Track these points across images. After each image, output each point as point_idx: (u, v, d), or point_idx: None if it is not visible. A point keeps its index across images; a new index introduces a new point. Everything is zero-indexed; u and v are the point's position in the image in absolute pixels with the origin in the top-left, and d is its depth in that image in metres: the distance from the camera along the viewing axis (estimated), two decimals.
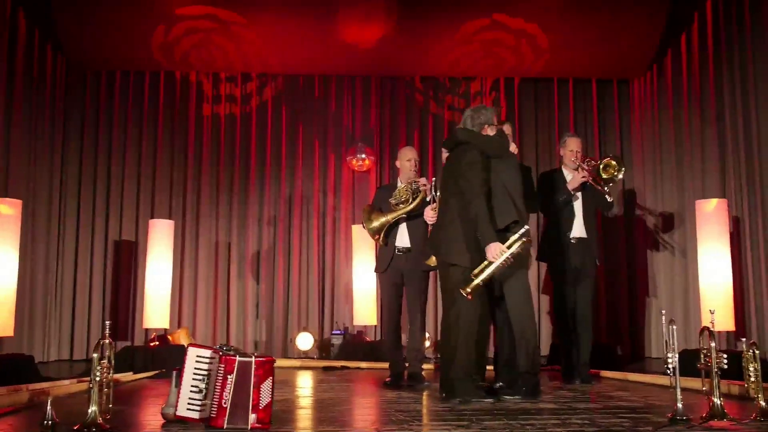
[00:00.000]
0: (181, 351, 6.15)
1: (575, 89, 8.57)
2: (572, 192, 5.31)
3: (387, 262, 5.27)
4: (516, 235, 4.16)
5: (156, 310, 6.78)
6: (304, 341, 7.51)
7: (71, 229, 7.92)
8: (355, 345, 7.25)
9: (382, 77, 8.51)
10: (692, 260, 6.76)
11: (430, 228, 4.72)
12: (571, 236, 5.31)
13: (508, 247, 4.10)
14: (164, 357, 6.35)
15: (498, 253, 4.05)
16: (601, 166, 5.33)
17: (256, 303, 8.07)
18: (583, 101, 8.58)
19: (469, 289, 4.01)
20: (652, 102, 8.03)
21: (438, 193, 4.62)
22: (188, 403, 3.18)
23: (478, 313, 4.16)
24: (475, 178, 4.18)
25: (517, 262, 4.22)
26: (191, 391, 3.19)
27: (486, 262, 4.06)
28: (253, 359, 3.19)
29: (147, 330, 7.10)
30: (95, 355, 3.11)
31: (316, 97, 8.46)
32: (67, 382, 5.08)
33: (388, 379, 5.20)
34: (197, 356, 3.24)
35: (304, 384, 5.46)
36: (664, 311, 3.46)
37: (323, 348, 7.80)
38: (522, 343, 4.31)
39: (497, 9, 7.44)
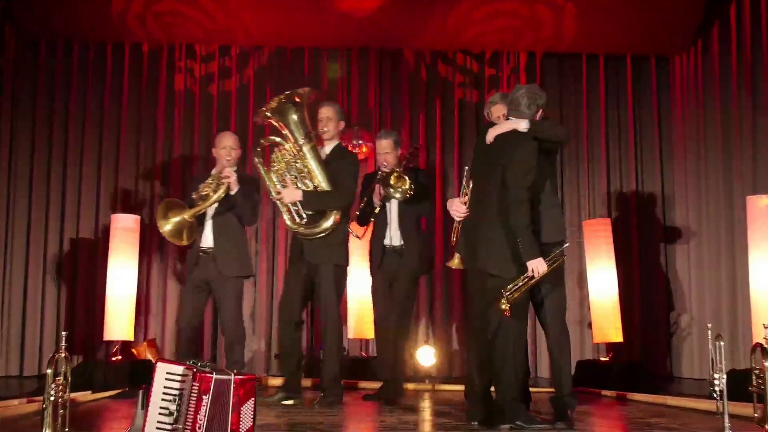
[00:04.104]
0: (148, 367, 6.17)
1: (606, 67, 8.56)
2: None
3: (192, 266, 5.37)
4: (559, 251, 4.17)
5: (118, 319, 6.76)
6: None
7: (21, 225, 7.89)
8: (349, 361, 7.23)
9: (382, 50, 8.50)
10: (742, 265, 6.74)
11: (457, 224, 4.51)
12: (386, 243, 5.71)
13: (550, 263, 4.08)
14: (128, 374, 6.34)
15: (542, 271, 3.99)
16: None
17: None
18: (615, 81, 8.57)
19: (508, 305, 3.92)
20: (695, 83, 8.02)
21: (470, 184, 4.41)
22: (157, 428, 3.17)
23: (524, 328, 4.17)
24: (525, 177, 4.06)
25: (556, 275, 4.25)
26: (160, 414, 3.18)
27: (525, 278, 3.98)
28: (232, 377, 3.19)
29: (108, 342, 7.08)
30: (49, 371, 3.10)
31: (306, 73, 8.44)
32: (16, 402, 5.06)
33: None
34: (167, 373, 3.23)
35: (291, 406, 5.44)
36: (710, 325, 3.45)
37: (312, 364, 7.77)
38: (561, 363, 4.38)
39: None
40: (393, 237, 5.68)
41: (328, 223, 5.23)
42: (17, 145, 7.95)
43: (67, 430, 3.18)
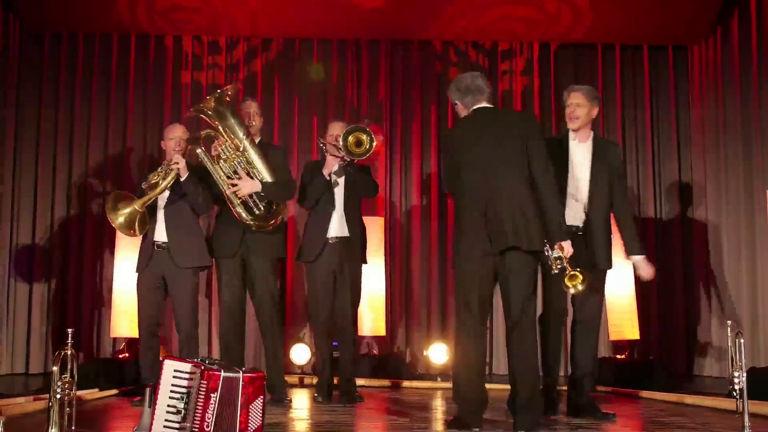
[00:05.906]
0: (156, 365, 6.19)
1: (623, 57, 8.51)
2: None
3: (145, 261, 5.35)
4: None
5: (126, 316, 6.78)
6: (300, 354, 7.50)
7: (26, 220, 7.92)
8: (360, 359, 7.23)
9: (393, 41, 8.47)
10: (763, 260, 6.72)
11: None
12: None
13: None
14: (136, 371, 6.35)
15: (570, 252, 4.03)
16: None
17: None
18: (631, 71, 8.51)
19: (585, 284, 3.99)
20: (714, 73, 7.96)
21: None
22: (164, 426, 3.18)
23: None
24: (549, 162, 4.11)
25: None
26: (168, 412, 3.19)
27: (558, 257, 4.01)
28: (240, 375, 3.20)
29: (115, 339, 7.11)
30: (55, 369, 3.12)
31: (315, 66, 8.44)
32: (22, 399, 5.09)
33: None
34: (175, 371, 3.24)
35: (300, 404, 5.46)
36: (730, 322, 3.44)
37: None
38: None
39: None
40: (337, 227, 5.49)
41: (281, 214, 5.29)
42: (22, 138, 7.96)
43: (73, 428, 3.20)
